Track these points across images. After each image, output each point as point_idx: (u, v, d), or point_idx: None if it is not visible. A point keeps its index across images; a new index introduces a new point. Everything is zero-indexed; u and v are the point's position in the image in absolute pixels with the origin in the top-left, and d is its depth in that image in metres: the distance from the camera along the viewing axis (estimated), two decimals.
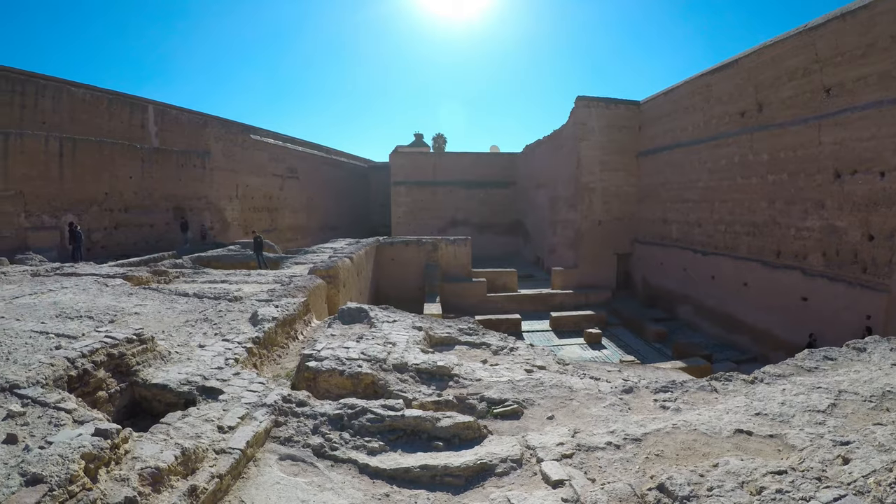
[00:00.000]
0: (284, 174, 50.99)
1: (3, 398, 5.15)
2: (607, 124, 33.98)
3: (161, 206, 35.15)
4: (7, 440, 4.24)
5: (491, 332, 9.90)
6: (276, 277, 15.46)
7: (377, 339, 8.58)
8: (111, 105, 35.55)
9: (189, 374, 6.74)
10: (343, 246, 26.07)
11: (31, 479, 3.56)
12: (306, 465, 5.01)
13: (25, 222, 27.27)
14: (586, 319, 27.18)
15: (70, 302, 10.73)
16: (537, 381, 7.05)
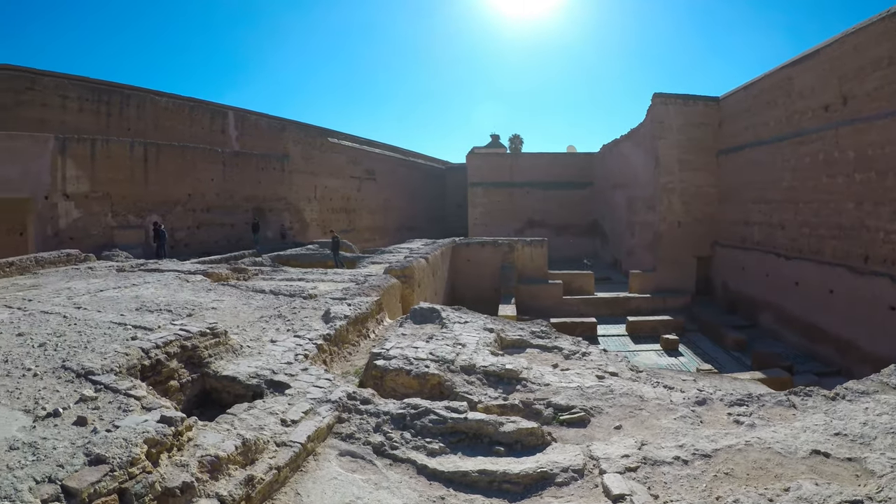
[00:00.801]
0: (362, 176, 51.92)
1: (79, 383, 5.48)
2: (686, 122, 32.72)
3: (242, 207, 36.56)
4: (77, 422, 4.51)
5: (564, 336, 9.69)
6: (351, 276, 15.69)
7: (447, 340, 8.54)
8: (193, 112, 37.85)
9: (259, 367, 6.91)
10: (419, 246, 26.25)
11: (94, 459, 3.75)
12: (365, 462, 5.03)
13: (112, 222, 29.05)
14: (663, 325, 26.37)
15: (151, 296, 11.30)
16: (607, 388, 6.85)
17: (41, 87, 30.35)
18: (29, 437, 4.24)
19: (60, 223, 26.95)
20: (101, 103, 32.72)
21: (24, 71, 30.26)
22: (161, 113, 35.61)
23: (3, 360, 6.31)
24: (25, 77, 30.02)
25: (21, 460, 3.86)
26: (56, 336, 7.39)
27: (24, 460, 3.86)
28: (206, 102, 39.35)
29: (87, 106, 32.10)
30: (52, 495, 3.40)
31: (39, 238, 25.87)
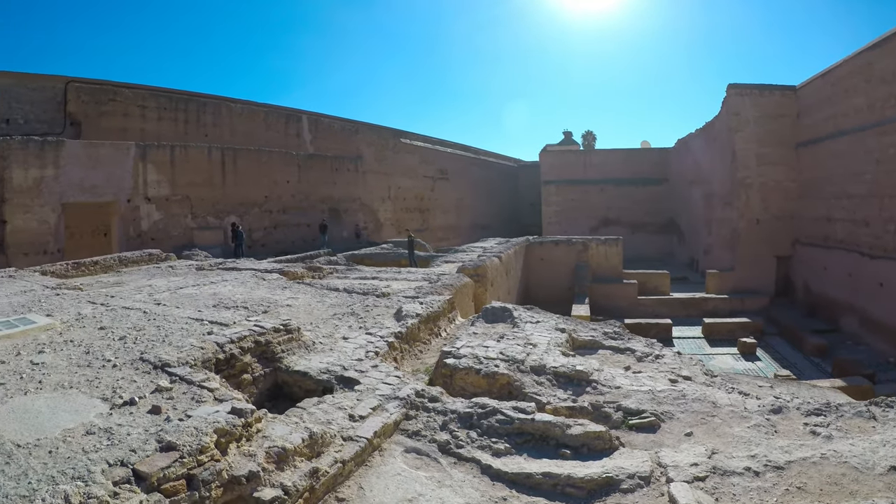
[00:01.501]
0: (435, 175, 52.35)
1: (155, 375, 5.77)
2: (762, 113, 31.35)
3: (317, 208, 37.56)
4: (151, 411, 4.75)
5: (637, 338, 9.45)
6: (424, 275, 15.79)
7: (518, 340, 8.46)
8: (268, 117, 39.29)
9: (330, 363, 7.03)
10: (492, 245, 26.19)
11: (165, 446, 3.93)
12: (430, 459, 5.05)
13: (192, 223, 30.63)
14: (741, 327, 25.41)
15: (228, 293, 11.75)
16: (679, 392, 6.62)
17: (122, 98, 32.29)
18: (105, 424, 4.50)
19: (142, 225, 28.54)
20: (179, 111, 34.58)
21: (106, 84, 32.22)
22: (237, 119, 37.21)
23: (85, 352, 6.72)
24: (107, 89, 31.97)
25: (96, 444, 4.10)
26: (136, 330, 7.78)
27: (99, 444, 4.10)
28: (281, 107, 40.83)
29: (166, 114, 33.94)
30: (123, 478, 3.57)
31: (122, 239, 27.41)
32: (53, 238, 25.70)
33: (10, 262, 22.82)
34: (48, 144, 26.18)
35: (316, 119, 42.58)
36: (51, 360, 6.44)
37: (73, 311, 9.40)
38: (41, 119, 29.88)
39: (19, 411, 4.88)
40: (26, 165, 25.26)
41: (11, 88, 29.57)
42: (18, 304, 10.31)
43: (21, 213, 25.04)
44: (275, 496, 3.97)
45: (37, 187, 25.47)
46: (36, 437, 4.31)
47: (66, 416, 4.74)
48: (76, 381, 5.66)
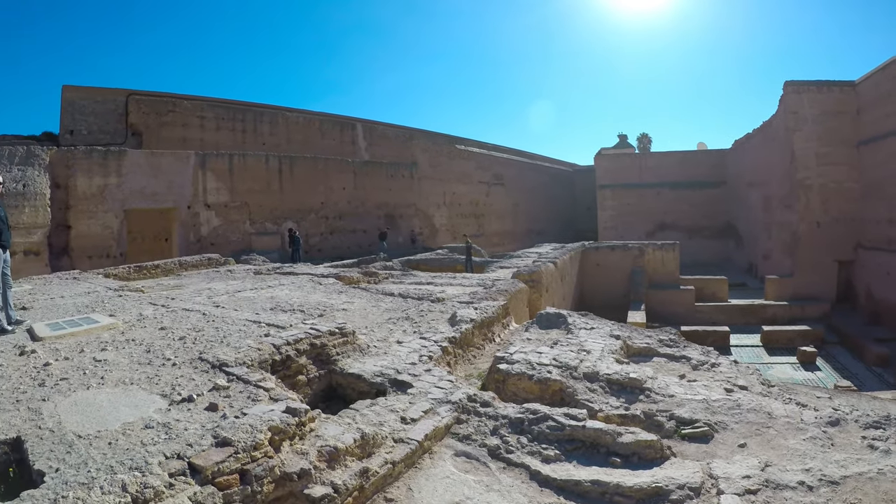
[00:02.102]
0: (490, 181, 52.50)
1: (213, 374, 5.94)
2: (821, 111, 30.33)
3: (373, 214, 38.15)
4: (208, 408, 4.91)
5: (693, 346, 9.26)
6: (479, 281, 15.78)
7: (571, 346, 8.39)
8: (323, 125, 40.63)
9: (383, 367, 7.10)
10: (548, 251, 26.05)
11: (221, 442, 4.05)
12: (479, 463, 5.04)
13: (250, 228, 31.71)
14: (800, 335, 24.64)
15: (285, 297, 12.02)
16: (734, 402, 6.43)
17: (181, 109, 33.97)
18: (163, 419, 4.67)
19: (202, 230, 29.64)
20: (237, 121, 36.25)
21: (165, 96, 33.92)
22: (293, 127, 38.63)
23: (145, 351, 7.00)
24: (166, 101, 33.68)
25: (154, 438, 4.26)
26: (195, 331, 8.04)
27: (157, 438, 4.25)
28: (336, 115, 41.94)
29: (224, 124, 35.60)
30: (179, 470, 3.70)
31: (183, 243, 28.59)
32: (116, 242, 26.93)
33: (75, 264, 24.08)
34: (111, 154, 27.55)
35: (370, 126, 43.44)
36: (113, 357, 6.71)
37: (135, 311, 9.80)
38: (104, 130, 31.44)
39: (82, 404, 5.10)
40: (90, 174, 26.66)
41: (76, 102, 31.33)
42: (82, 304, 10.83)
43: (85, 218, 26.39)
44: (325, 493, 4.05)
45: (100, 194, 26.82)
46: (97, 429, 4.49)
47: (126, 410, 4.93)
48: (137, 377, 5.88)
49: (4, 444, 4.36)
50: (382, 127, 44.58)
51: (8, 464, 4.24)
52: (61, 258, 25.45)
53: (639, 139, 67.08)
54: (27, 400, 5.26)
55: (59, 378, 5.89)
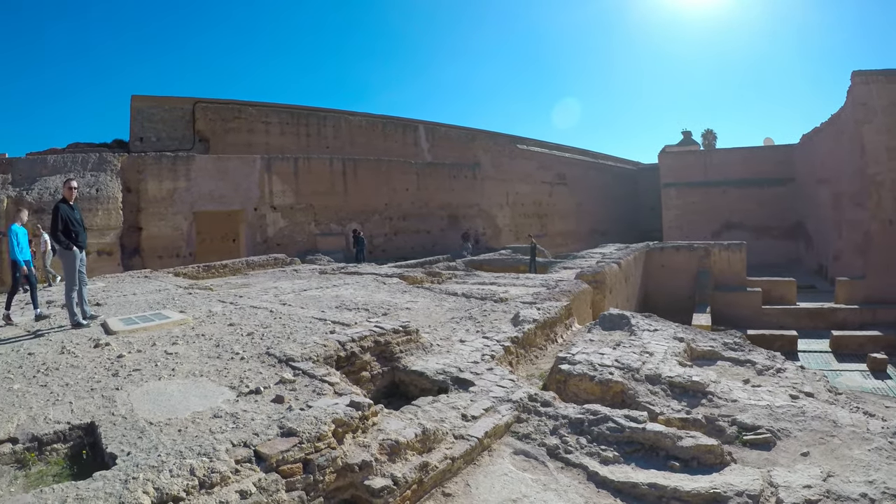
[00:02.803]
0: (553, 181, 52.15)
1: (280, 368, 6.12)
2: (891, 101, 28.79)
3: (436, 215, 38.46)
4: (275, 400, 5.07)
5: (758, 350, 8.99)
6: (542, 281, 15.70)
7: (634, 348, 8.28)
8: (385, 128, 41.12)
9: (446, 365, 7.15)
10: (612, 251, 25.81)
11: (286, 432, 4.17)
12: (537, 462, 5.03)
13: (315, 229, 32.49)
14: (871, 341, 23.28)
15: (350, 296, 12.27)
16: (799, 409, 6.20)
17: (246, 115, 35.08)
18: (231, 409, 4.85)
19: (268, 231, 30.52)
20: (301, 125, 37.18)
21: (231, 103, 35.09)
22: (355, 130, 39.26)
23: (215, 345, 7.28)
24: (232, 108, 34.86)
25: (222, 426, 4.43)
26: (263, 327, 8.30)
27: (225, 427, 4.42)
28: (398, 118, 42.42)
29: (288, 129, 36.55)
30: (245, 457, 3.84)
31: (250, 244, 29.50)
32: (185, 243, 28.08)
33: (146, 264, 25.31)
34: (180, 159, 28.82)
35: (432, 128, 43.79)
36: (183, 350, 7.00)
37: (205, 308, 10.19)
38: (172, 136, 32.89)
39: (153, 394, 5.34)
40: (160, 178, 27.97)
41: (145, 110, 32.83)
42: (154, 301, 11.30)
43: (156, 220, 27.68)
44: (384, 485, 4.12)
45: (170, 197, 28.07)
46: (167, 417, 4.71)
47: (195, 400, 5.14)
48: (206, 370, 6.12)
49: (79, 429, 4.63)
50: (444, 128, 44.84)
51: (82, 446, 4.50)
52: (133, 258, 26.71)
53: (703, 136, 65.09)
54: (101, 388, 5.55)
55: (131, 369, 6.18)
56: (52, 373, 6.20)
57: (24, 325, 9.48)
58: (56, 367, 6.41)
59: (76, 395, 5.36)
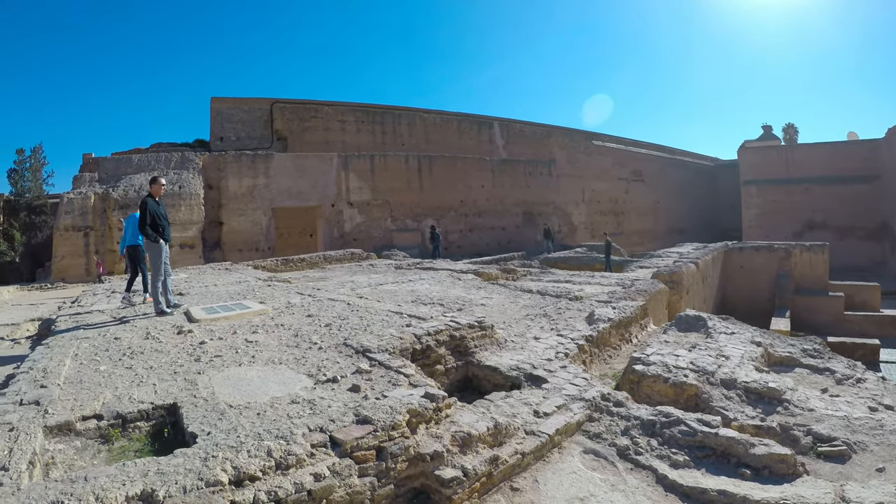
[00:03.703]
0: (629, 177, 51.28)
1: (356, 358, 6.23)
2: None
3: (512, 212, 38.39)
4: (351, 389, 5.17)
5: (838, 358, 8.60)
6: (618, 280, 15.49)
7: (710, 351, 8.07)
8: (460, 125, 41.57)
9: (520, 361, 7.13)
10: (689, 251, 25.25)
11: (361, 420, 4.26)
12: (607, 462, 4.97)
13: (391, 225, 33.17)
14: None
15: (425, 291, 12.42)
16: (877, 422, 5.88)
17: (322, 114, 36.25)
18: (309, 396, 4.98)
19: (345, 227, 31.31)
20: (376, 123, 38.11)
21: (307, 103, 36.33)
22: (430, 128, 39.92)
23: (293, 335, 7.48)
24: (308, 107, 36.10)
25: (300, 412, 4.56)
26: (340, 319, 8.48)
27: (302, 412, 4.55)
28: (472, 115, 42.72)
29: (364, 127, 37.51)
30: (321, 442, 3.94)
31: (327, 239, 30.34)
32: (264, 237, 29.10)
33: (226, 257, 26.42)
34: (259, 157, 29.94)
35: (507, 125, 43.82)
36: (263, 339, 7.22)
37: (283, 299, 10.50)
38: (251, 136, 34.29)
39: (233, 379, 5.54)
40: (240, 176, 29.20)
41: (225, 111, 34.49)
42: (235, 292, 11.72)
43: (236, 215, 28.91)
44: (454, 476, 4.15)
45: (250, 194, 29.24)
46: (246, 401, 4.88)
47: (274, 386, 5.29)
48: (285, 358, 6.29)
49: (162, 409, 4.86)
50: (519, 125, 44.70)
51: (163, 425, 4.72)
52: (214, 251, 27.92)
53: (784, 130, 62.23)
54: (184, 372, 5.79)
55: (213, 355, 6.42)
56: (136, 356, 6.49)
57: (111, 311, 9.98)
58: (141, 352, 6.72)
59: (160, 378, 5.60)
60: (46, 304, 14.90)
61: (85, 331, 8.15)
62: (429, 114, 40.62)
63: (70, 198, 25.65)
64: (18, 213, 34.22)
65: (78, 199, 25.61)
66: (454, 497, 4.10)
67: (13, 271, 31.03)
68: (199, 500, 3.26)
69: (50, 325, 9.06)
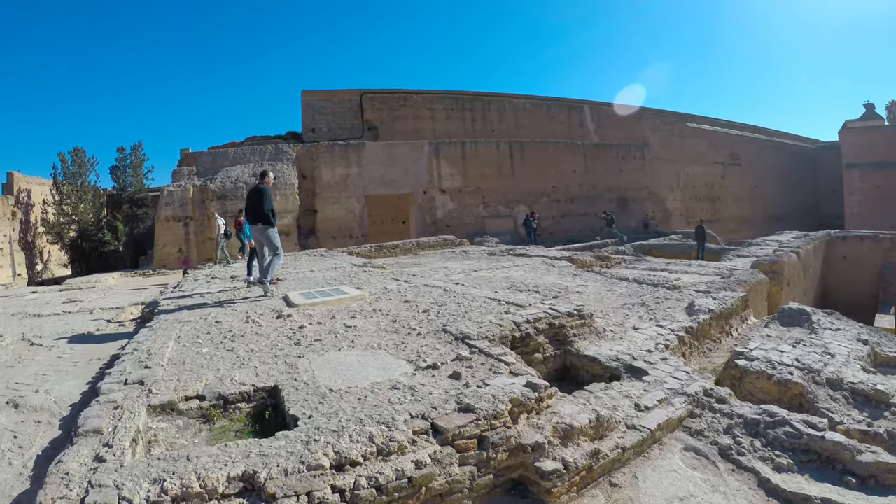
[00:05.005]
0: (725, 161, 49.15)
1: (456, 345, 6.17)
2: None
3: (605, 197, 37.72)
4: (452, 376, 5.12)
5: None
6: (716, 269, 14.97)
7: (815, 348, 7.64)
8: (550, 109, 41.19)
9: (619, 352, 6.93)
10: (789, 239, 24.08)
11: (463, 408, 4.17)
12: (708, 462, 4.77)
13: (483, 212, 33.22)
14: None
15: (520, 277, 12.34)
16: None
17: (411, 103, 36.83)
18: (409, 382, 4.96)
19: (437, 213, 31.68)
20: (466, 110, 38.30)
21: (396, 92, 36.97)
22: (520, 113, 39.69)
23: (391, 320, 7.49)
24: (397, 97, 36.76)
25: (400, 398, 4.54)
26: (437, 305, 8.45)
27: (403, 398, 4.52)
28: (562, 99, 42.31)
29: (453, 114, 37.81)
30: (422, 429, 3.89)
31: (419, 225, 30.86)
32: (358, 224, 29.88)
33: (320, 243, 27.31)
34: (351, 147, 30.75)
35: (598, 108, 43.03)
36: (361, 324, 7.26)
37: (380, 285, 10.60)
38: (342, 126, 35.28)
39: (333, 363, 5.57)
40: (333, 165, 30.08)
41: (315, 103, 35.68)
42: (331, 277, 11.96)
43: (330, 204, 29.84)
44: (555, 469, 4.06)
45: (343, 182, 30.07)
46: (347, 386, 4.89)
47: (374, 371, 5.29)
48: (384, 343, 6.30)
49: (263, 391, 4.94)
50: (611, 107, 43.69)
51: (264, 407, 4.80)
52: (308, 238, 28.82)
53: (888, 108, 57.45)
54: (284, 356, 5.87)
55: (312, 339, 6.49)
56: (237, 339, 6.64)
57: (211, 295, 10.36)
58: (241, 335, 6.87)
59: (260, 361, 5.70)
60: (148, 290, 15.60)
61: (186, 314, 8.45)
62: (518, 99, 40.40)
63: (170, 190, 27.15)
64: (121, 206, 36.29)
65: (178, 191, 27.07)
66: (553, 490, 4.01)
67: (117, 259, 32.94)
68: (301, 483, 3.26)
69: (153, 309, 9.44)
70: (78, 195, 34.89)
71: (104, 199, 37.31)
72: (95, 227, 34.55)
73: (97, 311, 11.47)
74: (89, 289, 16.69)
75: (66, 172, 35.24)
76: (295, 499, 3.18)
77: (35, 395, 5.54)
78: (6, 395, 5.61)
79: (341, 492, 3.32)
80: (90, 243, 34.09)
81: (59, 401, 5.40)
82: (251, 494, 3.23)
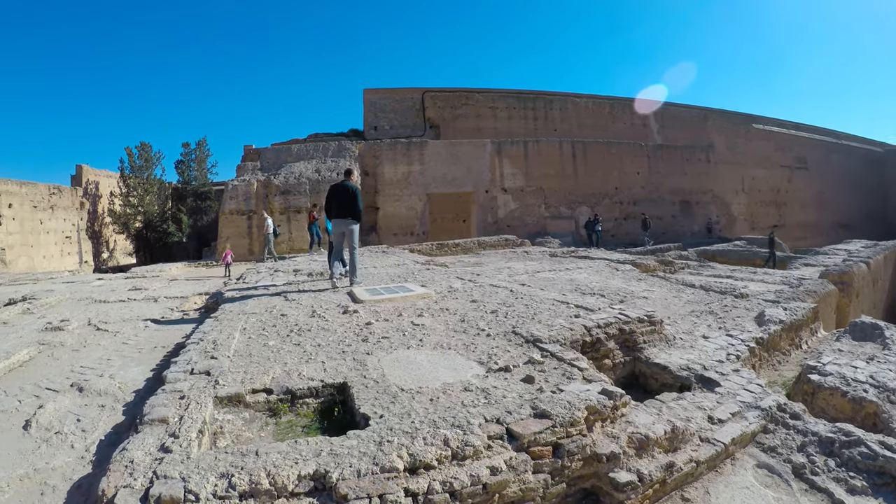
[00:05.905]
0: (792, 164, 47.47)
1: (527, 348, 6.03)
2: None
3: (668, 200, 36.94)
4: (525, 380, 4.97)
5: None
6: (783, 278, 14.50)
7: (890, 365, 7.28)
8: (613, 109, 40.82)
9: (690, 361, 6.73)
10: (858, 248, 23.19)
11: (539, 413, 4.05)
12: (780, 480, 4.57)
13: (545, 212, 32.98)
14: None
15: (584, 280, 12.13)
16: None
17: (473, 101, 36.99)
18: (482, 384, 4.82)
19: (499, 213, 31.64)
20: (527, 109, 38.27)
21: (458, 90, 37.19)
22: (582, 112, 39.45)
23: (460, 320, 7.40)
24: (459, 95, 36.98)
25: (474, 400, 4.41)
26: (505, 306, 8.32)
27: (476, 401, 4.39)
28: (625, 98, 41.78)
29: (515, 113, 37.84)
30: (497, 434, 3.77)
31: (480, 224, 30.82)
32: (419, 222, 30.02)
33: (381, 240, 27.59)
34: (413, 145, 31.01)
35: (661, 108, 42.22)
36: (429, 323, 7.19)
37: (445, 284, 10.56)
38: (403, 124, 35.69)
39: (402, 362, 5.50)
40: (395, 162, 30.33)
41: (377, 101, 36.16)
42: (395, 274, 11.99)
43: (391, 201, 30.12)
44: (629, 480, 3.95)
45: (405, 180, 30.30)
46: (418, 386, 4.80)
47: (444, 371, 5.20)
48: (453, 343, 6.20)
49: (331, 387, 4.90)
50: (674, 108, 42.81)
51: (333, 404, 4.74)
52: (370, 234, 29.12)
53: None
54: (352, 352, 5.83)
55: (380, 336, 6.45)
56: (304, 333, 6.65)
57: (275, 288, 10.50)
58: (308, 329, 6.88)
59: (328, 356, 5.68)
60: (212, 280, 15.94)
61: (251, 305, 8.55)
62: (580, 98, 40.03)
63: (235, 184, 27.86)
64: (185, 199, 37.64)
65: (242, 185, 27.75)
66: (626, 502, 3.89)
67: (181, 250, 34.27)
68: (374, 485, 3.19)
69: (217, 300, 9.62)
70: (144, 188, 36.55)
71: (169, 191, 38.83)
72: (160, 219, 36.04)
73: (162, 299, 11.75)
74: (154, 277, 17.20)
75: (133, 166, 37.06)
76: (367, 501, 3.12)
77: (99, 380, 5.65)
78: (71, 378, 5.76)
79: (414, 496, 3.23)
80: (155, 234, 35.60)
81: (124, 386, 5.50)
82: (321, 494, 3.18)
